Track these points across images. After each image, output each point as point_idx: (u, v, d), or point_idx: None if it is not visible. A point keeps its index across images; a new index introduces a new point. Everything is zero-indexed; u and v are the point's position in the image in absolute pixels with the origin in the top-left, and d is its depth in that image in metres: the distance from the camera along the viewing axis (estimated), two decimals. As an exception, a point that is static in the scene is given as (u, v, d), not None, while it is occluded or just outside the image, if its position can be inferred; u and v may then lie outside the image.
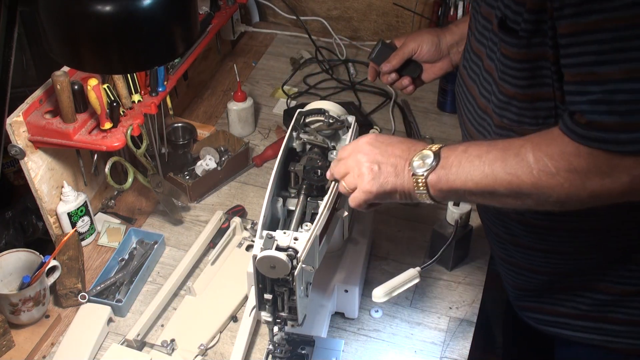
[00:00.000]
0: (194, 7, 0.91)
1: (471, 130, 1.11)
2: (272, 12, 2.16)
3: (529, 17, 0.87)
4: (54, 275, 1.30)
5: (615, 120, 0.78)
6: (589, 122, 0.80)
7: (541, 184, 0.85)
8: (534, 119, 0.95)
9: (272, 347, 1.14)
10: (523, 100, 0.95)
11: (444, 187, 0.93)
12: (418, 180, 0.94)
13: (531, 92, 0.93)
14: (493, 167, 0.89)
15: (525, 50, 0.90)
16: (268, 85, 1.92)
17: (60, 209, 1.38)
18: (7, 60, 0.91)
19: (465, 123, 1.13)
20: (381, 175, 0.98)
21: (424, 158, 0.94)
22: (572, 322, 1.14)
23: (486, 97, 1.03)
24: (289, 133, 1.17)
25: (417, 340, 1.25)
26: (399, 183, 0.97)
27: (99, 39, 0.84)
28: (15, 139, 1.26)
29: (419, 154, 0.95)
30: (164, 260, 1.42)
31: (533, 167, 0.85)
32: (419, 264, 1.19)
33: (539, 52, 0.89)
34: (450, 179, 0.92)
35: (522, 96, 0.94)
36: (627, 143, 0.78)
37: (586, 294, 1.10)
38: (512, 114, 0.97)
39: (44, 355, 1.24)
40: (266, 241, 0.97)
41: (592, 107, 0.79)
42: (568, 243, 1.05)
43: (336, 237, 1.25)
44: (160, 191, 1.45)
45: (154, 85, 1.43)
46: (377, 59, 1.28)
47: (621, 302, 1.08)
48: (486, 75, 1.02)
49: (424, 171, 0.94)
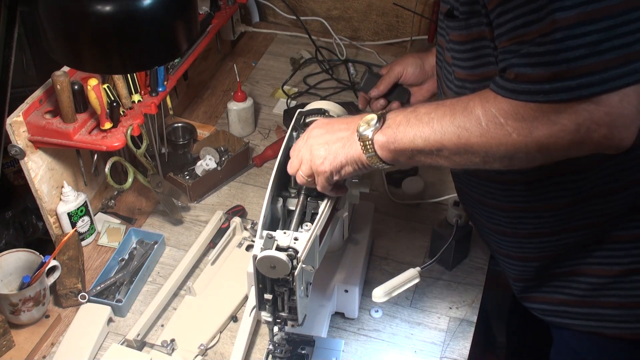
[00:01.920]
0: (194, 7, 0.91)
1: None
2: (272, 12, 2.16)
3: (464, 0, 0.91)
4: (54, 275, 1.30)
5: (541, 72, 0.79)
6: (517, 75, 0.82)
7: (489, 135, 0.86)
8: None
9: (272, 347, 1.14)
10: (474, 81, 0.97)
11: (392, 146, 0.94)
12: (366, 143, 0.95)
13: (479, 72, 0.95)
14: (442, 122, 0.89)
15: (466, 31, 0.93)
16: (268, 85, 1.92)
17: (60, 209, 1.38)
18: (7, 60, 0.91)
19: None
20: (331, 151, 0.99)
21: (369, 121, 0.95)
22: (570, 309, 1.15)
23: (449, 87, 1.05)
24: (289, 133, 1.17)
25: (417, 340, 1.25)
26: (349, 153, 0.98)
27: (99, 39, 0.84)
28: (15, 139, 1.26)
29: (364, 119, 0.96)
30: (164, 260, 1.42)
31: (481, 118, 0.86)
32: (419, 264, 1.19)
33: (478, 32, 0.91)
34: (398, 137, 0.93)
35: (472, 77, 0.97)
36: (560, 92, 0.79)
37: (579, 279, 1.11)
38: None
39: (44, 355, 1.24)
40: (266, 241, 0.97)
41: (520, 60, 0.81)
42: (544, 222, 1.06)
43: (336, 237, 1.25)
44: (160, 191, 1.45)
45: (154, 85, 1.43)
46: (366, 87, 1.30)
47: (611, 285, 1.09)
48: (447, 66, 1.05)
49: (370, 132, 0.94)
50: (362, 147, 0.96)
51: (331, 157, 0.99)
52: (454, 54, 0.98)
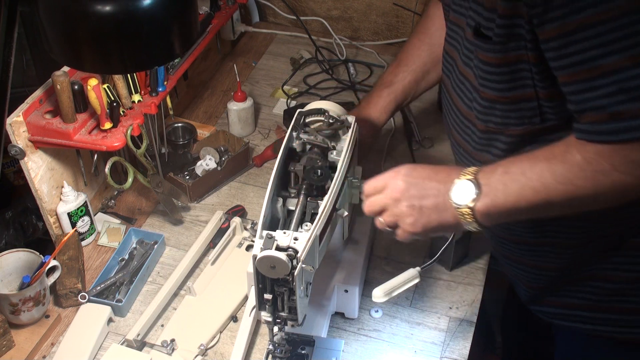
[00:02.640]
0: (194, 7, 0.91)
1: (457, 138, 1.11)
2: (272, 12, 2.16)
3: (502, 22, 0.86)
4: (54, 275, 1.30)
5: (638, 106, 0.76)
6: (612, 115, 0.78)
7: (599, 183, 0.82)
8: (519, 119, 0.95)
9: (272, 347, 1.14)
10: (506, 102, 0.94)
11: (493, 213, 0.91)
12: (463, 212, 0.92)
13: (513, 95, 0.93)
14: (543, 181, 0.86)
15: (502, 54, 0.89)
16: (268, 85, 1.92)
17: (60, 209, 1.38)
18: (7, 60, 0.91)
19: (451, 131, 1.13)
20: (423, 214, 0.96)
21: (464, 189, 0.92)
22: (582, 313, 1.14)
23: (468, 104, 1.02)
24: (288, 133, 1.17)
25: (417, 340, 1.25)
26: (444, 218, 0.95)
27: (99, 39, 0.84)
28: (15, 139, 1.26)
29: (456, 185, 0.93)
30: (164, 260, 1.42)
31: (586, 168, 0.83)
32: (419, 264, 1.19)
33: (517, 56, 0.88)
34: (498, 203, 0.90)
35: (505, 99, 0.94)
36: None
37: (594, 284, 1.10)
38: (496, 117, 0.97)
39: (44, 355, 1.24)
40: (266, 241, 0.97)
41: (611, 99, 0.78)
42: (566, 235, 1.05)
43: (336, 237, 1.25)
44: (160, 191, 1.45)
45: (154, 85, 1.43)
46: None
47: (627, 291, 1.08)
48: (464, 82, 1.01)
49: (468, 202, 0.91)
50: (460, 215, 0.93)
51: (423, 220, 0.96)
52: (484, 75, 0.95)
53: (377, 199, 1.02)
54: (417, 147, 1.67)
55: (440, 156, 1.65)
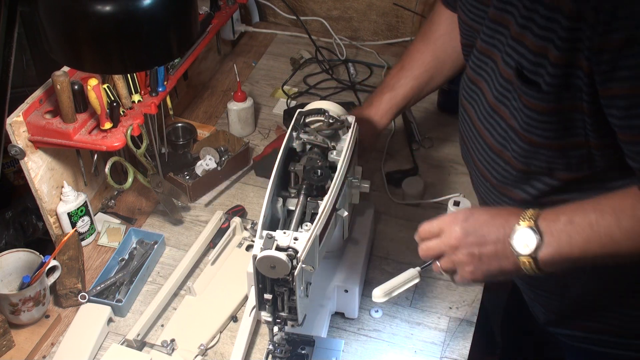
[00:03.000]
0: (194, 7, 0.91)
1: (482, 170, 1.08)
2: (272, 12, 2.16)
3: (555, 71, 0.83)
4: (54, 275, 1.30)
5: None
6: None
7: None
8: (566, 165, 0.93)
9: (272, 347, 1.14)
10: (553, 149, 0.91)
11: (557, 262, 0.89)
12: (525, 261, 0.90)
13: (562, 142, 0.90)
14: (611, 235, 0.85)
15: (554, 104, 0.86)
16: (268, 85, 1.92)
17: (60, 209, 1.38)
18: (7, 60, 0.91)
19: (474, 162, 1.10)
20: (483, 262, 0.94)
21: (525, 238, 0.89)
22: (603, 337, 1.12)
23: (501, 142, 0.99)
24: (288, 133, 1.17)
25: (417, 340, 1.25)
26: (505, 265, 0.93)
27: (99, 39, 0.84)
28: (15, 139, 1.26)
29: (516, 232, 0.90)
30: (164, 260, 1.42)
31: None
32: (419, 264, 1.19)
33: (570, 106, 0.85)
34: (562, 253, 0.88)
35: (552, 145, 0.91)
36: None
37: (619, 310, 1.09)
38: (541, 162, 0.94)
39: (44, 355, 1.24)
40: (266, 241, 0.97)
41: None
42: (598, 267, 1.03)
43: (336, 237, 1.25)
44: (160, 191, 1.45)
45: (154, 85, 1.43)
46: None
47: None
48: (495, 117, 0.97)
49: (530, 252, 0.89)
50: (522, 263, 0.90)
51: (484, 268, 0.94)
52: (529, 120, 0.91)
53: (434, 245, 1.00)
54: (417, 147, 1.67)
55: (440, 156, 1.65)
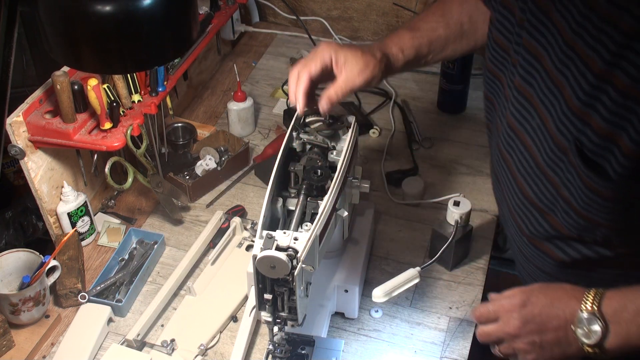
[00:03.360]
0: (194, 7, 0.91)
1: (518, 222, 1.05)
2: (272, 12, 2.16)
3: (628, 163, 0.79)
4: (54, 275, 1.30)
5: None
6: None
7: None
8: (625, 241, 0.92)
9: (272, 347, 1.14)
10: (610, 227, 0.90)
11: (626, 349, 0.87)
12: (589, 349, 0.88)
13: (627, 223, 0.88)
14: None
15: (621, 193, 0.84)
16: (268, 85, 1.92)
17: (60, 209, 1.38)
18: (7, 60, 0.90)
19: (509, 209, 1.07)
20: (545, 350, 0.91)
21: (588, 327, 0.86)
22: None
23: (549, 207, 0.95)
24: (288, 133, 1.17)
25: (417, 340, 1.25)
26: (568, 351, 0.90)
27: (99, 39, 0.84)
28: (15, 139, 1.26)
29: (580, 320, 0.87)
30: (164, 260, 1.42)
31: None
32: (419, 264, 1.19)
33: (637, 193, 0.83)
34: (631, 343, 0.86)
35: (610, 224, 0.89)
36: None
37: None
38: (597, 236, 0.93)
39: (44, 355, 1.24)
40: (266, 241, 0.97)
41: None
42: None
43: (336, 237, 1.25)
44: (160, 191, 1.45)
45: (154, 85, 1.43)
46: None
47: None
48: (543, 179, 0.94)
49: (595, 342, 0.86)
50: (586, 350, 0.88)
51: (546, 355, 0.91)
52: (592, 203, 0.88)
53: (492, 331, 0.97)
54: (417, 147, 1.67)
55: (440, 156, 1.65)
